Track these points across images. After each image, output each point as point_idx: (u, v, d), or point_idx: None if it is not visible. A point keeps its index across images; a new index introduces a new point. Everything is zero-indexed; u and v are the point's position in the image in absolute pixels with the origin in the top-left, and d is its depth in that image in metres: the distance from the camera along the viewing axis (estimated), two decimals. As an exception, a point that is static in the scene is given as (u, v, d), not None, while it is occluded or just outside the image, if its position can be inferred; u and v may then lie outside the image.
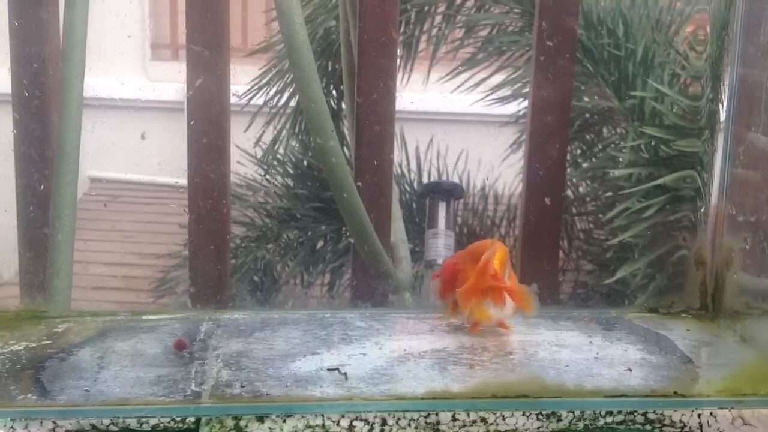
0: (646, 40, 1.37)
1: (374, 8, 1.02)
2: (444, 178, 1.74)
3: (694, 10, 1.31)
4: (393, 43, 1.04)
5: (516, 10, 1.64)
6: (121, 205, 1.98)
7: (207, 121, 1.04)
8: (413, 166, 1.78)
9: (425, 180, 1.76)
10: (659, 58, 1.33)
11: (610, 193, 1.57)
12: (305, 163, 1.75)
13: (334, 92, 1.64)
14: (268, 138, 1.77)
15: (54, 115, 1.06)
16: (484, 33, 1.70)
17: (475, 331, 0.80)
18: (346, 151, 1.16)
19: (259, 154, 1.76)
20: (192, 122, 1.04)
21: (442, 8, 1.70)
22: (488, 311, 0.77)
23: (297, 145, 1.77)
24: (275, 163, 1.76)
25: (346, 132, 1.38)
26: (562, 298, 1.32)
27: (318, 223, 1.70)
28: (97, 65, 1.02)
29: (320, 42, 1.59)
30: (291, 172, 1.76)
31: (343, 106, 1.60)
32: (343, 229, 1.68)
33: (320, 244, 1.71)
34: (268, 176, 1.75)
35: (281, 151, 1.76)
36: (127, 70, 2.19)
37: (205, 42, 1.02)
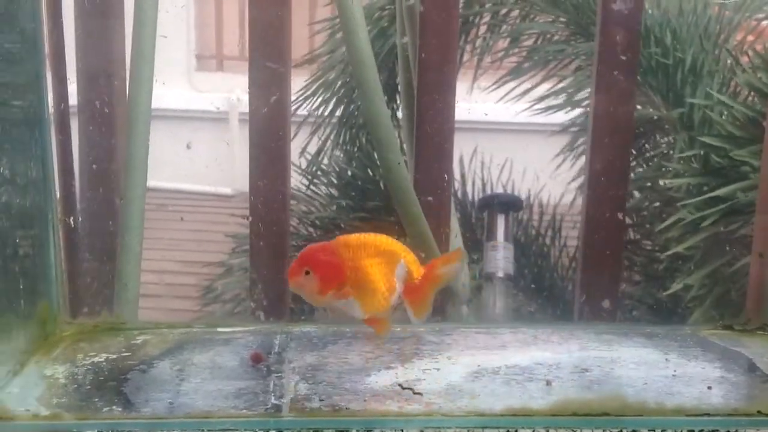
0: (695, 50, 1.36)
1: (436, 25, 1.02)
2: (494, 189, 1.73)
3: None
4: (453, 59, 1.04)
5: (561, 19, 1.63)
6: (168, 214, 2.01)
7: (269, 134, 1.06)
8: (457, 175, 1.78)
9: (469, 189, 1.75)
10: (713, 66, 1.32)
11: (657, 203, 1.55)
12: (349, 173, 1.75)
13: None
14: (312, 148, 1.78)
15: (120, 129, 1.08)
16: (529, 42, 1.70)
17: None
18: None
19: (303, 164, 1.78)
20: (255, 136, 1.05)
21: (486, 18, 1.70)
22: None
23: (342, 155, 1.78)
24: (320, 173, 1.77)
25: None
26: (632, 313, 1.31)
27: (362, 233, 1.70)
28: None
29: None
30: (335, 182, 1.77)
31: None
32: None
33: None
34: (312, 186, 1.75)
35: (325, 161, 1.77)
36: (173, 81, 2.22)
37: (269, 56, 1.04)
